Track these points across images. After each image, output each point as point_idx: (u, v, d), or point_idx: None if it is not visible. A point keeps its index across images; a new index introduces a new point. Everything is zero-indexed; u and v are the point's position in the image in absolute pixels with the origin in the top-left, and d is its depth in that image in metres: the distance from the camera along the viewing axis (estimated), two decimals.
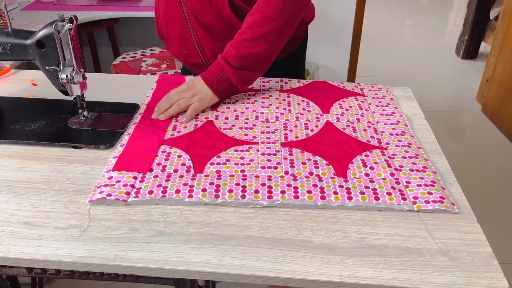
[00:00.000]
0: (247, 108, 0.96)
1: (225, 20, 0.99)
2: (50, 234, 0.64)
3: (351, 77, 2.44)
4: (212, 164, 0.78)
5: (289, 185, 0.72)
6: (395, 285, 0.57)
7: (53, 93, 0.91)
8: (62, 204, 0.70)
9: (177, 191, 0.71)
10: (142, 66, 1.78)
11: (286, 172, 0.75)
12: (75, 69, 0.83)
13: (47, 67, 0.84)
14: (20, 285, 1.31)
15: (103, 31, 2.45)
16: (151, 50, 1.93)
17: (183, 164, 0.77)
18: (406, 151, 0.81)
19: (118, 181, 0.73)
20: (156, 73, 1.69)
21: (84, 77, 0.85)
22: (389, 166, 0.77)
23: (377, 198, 0.70)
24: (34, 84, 1.08)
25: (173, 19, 1.04)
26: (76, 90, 0.85)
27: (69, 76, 0.83)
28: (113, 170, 0.76)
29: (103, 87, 1.06)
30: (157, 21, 1.10)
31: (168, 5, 1.03)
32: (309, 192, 0.71)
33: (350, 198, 0.70)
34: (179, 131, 0.87)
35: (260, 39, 0.91)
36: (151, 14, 1.09)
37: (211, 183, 0.73)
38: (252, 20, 0.92)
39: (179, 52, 1.12)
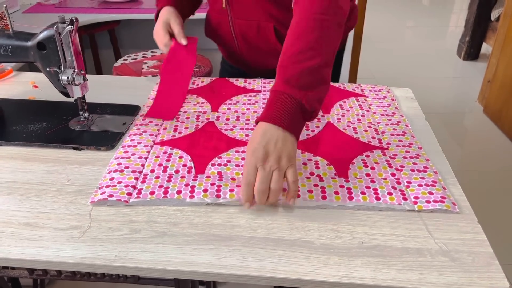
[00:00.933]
0: (248, 109, 0.96)
1: (270, 44, 1.06)
2: (50, 235, 0.64)
3: (352, 79, 2.44)
4: (213, 165, 0.78)
5: None
6: (396, 285, 0.57)
7: (54, 95, 0.92)
8: (63, 205, 0.70)
9: (179, 192, 0.71)
10: (143, 68, 1.78)
11: None
12: (76, 70, 0.83)
13: (48, 69, 0.84)
14: (21, 287, 1.31)
15: (105, 33, 2.45)
16: (152, 52, 1.93)
17: (184, 165, 0.77)
18: (407, 151, 0.81)
19: (119, 182, 0.73)
20: (157, 75, 1.69)
21: (84, 79, 0.86)
22: (390, 166, 0.77)
23: (378, 198, 0.70)
24: (36, 86, 1.08)
25: (222, 33, 1.13)
26: (77, 92, 0.86)
27: (69, 77, 0.83)
28: (144, 118, 0.92)
29: (104, 89, 1.07)
30: (208, 25, 1.17)
31: (218, 22, 1.11)
32: (310, 191, 0.71)
33: (351, 198, 0.70)
34: (180, 132, 0.87)
35: (313, 48, 0.73)
36: (152, 16, 1.10)
37: (212, 184, 0.73)
38: (298, 28, 0.76)
39: (223, 50, 1.24)
